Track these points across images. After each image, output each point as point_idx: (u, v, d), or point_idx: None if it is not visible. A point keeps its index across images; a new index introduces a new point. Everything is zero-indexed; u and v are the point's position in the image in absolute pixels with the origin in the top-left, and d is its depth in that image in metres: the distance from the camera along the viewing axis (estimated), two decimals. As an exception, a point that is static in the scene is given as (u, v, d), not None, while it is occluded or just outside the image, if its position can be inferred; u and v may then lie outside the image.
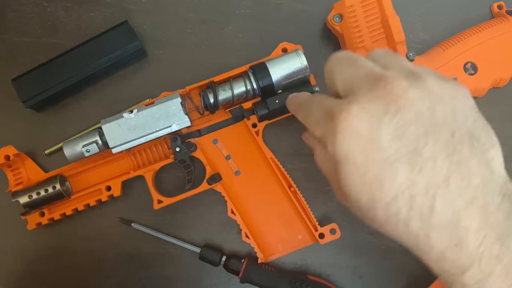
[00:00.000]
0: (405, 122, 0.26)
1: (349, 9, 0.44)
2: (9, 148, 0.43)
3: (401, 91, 0.26)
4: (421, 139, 0.26)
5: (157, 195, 0.44)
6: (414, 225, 0.26)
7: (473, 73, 0.46)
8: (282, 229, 0.44)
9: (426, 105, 0.26)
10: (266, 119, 0.44)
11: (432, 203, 0.25)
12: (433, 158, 0.25)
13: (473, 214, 0.25)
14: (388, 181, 0.26)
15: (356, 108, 0.27)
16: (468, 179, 0.25)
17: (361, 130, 0.26)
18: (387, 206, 0.26)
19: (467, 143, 0.26)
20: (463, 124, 0.27)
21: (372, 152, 0.26)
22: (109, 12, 0.48)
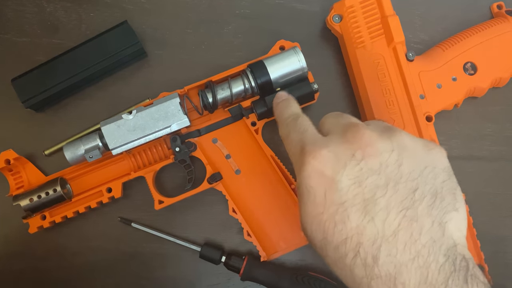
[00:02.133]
0: (368, 170, 0.27)
1: (349, 9, 0.44)
2: (9, 152, 0.43)
3: (370, 140, 0.28)
4: (379, 190, 0.27)
5: (158, 195, 0.44)
6: (357, 272, 0.27)
7: (472, 73, 0.46)
8: (284, 226, 0.44)
9: (394, 158, 0.28)
10: (265, 117, 0.44)
11: (376, 254, 0.26)
12: (387, 209, 0.26)
13: (413, 272, 0.25)
14: (341, 224, 0.27)
15: (325, 150, 0.28)
16: (416, 237, 0.26)
17: (326, 171, 0.28)
18: (336, 248, 0.27)
19: (428, 201, 0.27)
20: (429, 183, 0.28)
21: (332, 193, 0.27)
22: (108, 12, 0.48)
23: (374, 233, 0.26)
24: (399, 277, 0.25)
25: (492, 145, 0.49)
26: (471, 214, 0.44)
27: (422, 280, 0.25)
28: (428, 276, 0.25)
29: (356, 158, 0.28)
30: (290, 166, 0.45)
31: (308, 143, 0.30)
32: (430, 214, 0.27)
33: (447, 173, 0.29)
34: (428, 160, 0.29)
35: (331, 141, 0.29)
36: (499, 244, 0.48)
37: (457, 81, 0.45)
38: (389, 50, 0.44)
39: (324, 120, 0.34)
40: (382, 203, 0.26)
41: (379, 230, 0.26)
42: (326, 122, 0.33)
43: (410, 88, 0.44)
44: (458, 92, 0.46)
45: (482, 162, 0.49)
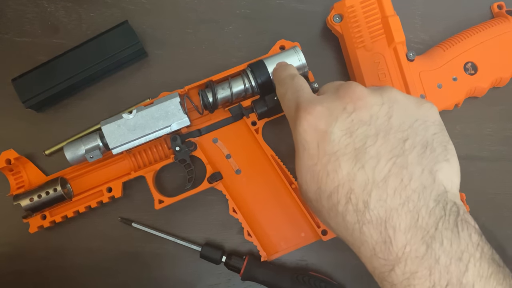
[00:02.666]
0: (359, 121, 0.29)
1: (349, 9, 0.44)
2: (10, 152, 0.43)
3: (361, 94, 0.30)
4: (370, 139, 0.28)
5: (158, 195, 0.44)
6: (349, 218, 0.28)
7: (473, 73, 0.46)
8: (284, 226, 0.44)
9: (385, 111, 0.29)
10: (265, 117, 0.44)
11: (367, 198, 0.27)
12: (377, 157, 0.28)
13: (403, 216, 0.26)
14: (333, 172, 0.28)
15: (319, 106, 0.30)
16: (406, 182, 0.27)
17: (319, 125, 0.29)
18: (329, 196, 0.29)
19: (418, 150, 0.28)
20: (419, 134, 0.29)
21: (324, 145, 0.29)
22: (109, 12, 0.48)
23: (365, 179, 0.27)
24: (389, 221, 0.26)
25: (492, 145, 0.49)
26: (471, 214, 0.44)
27: (412, 224, 0.26)
28: (419, 219, 0.26)
29: (347, 110, 0.29)
30: (290, 165, 0.45)
31: (303, 101, 0.31)
32: (420, 162, 0.28)
33: (438, 127, 0.30)
34: (419, 114, 0.30)
35: (325, 98, 0.31)
36: (499, 244, 0.48)
37: (457, 81, 0.45)
38: (390, 50, 0.44)
39: (322, 87, 0.35)
40: (372, 152, 0.28)
41: (369, 176, 0.27)
42: (323, 87, 0.35)
43: (411, 88, 0.44)
44: (458, 92, 0.46)
45: (482, 162, 0.49)
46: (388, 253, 0.26)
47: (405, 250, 0.26)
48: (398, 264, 0.26)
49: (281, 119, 0.45)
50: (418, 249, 0.26)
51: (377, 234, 0.27)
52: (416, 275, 0.26)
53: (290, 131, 0.47)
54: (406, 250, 0.26)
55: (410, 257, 0.26)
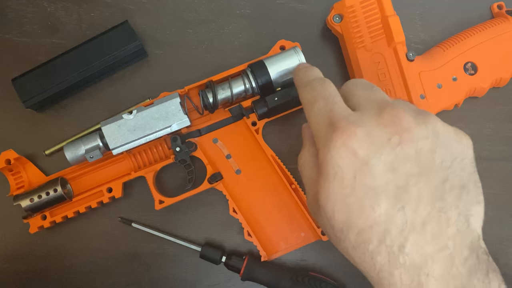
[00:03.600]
0: (404, 157, 0.26)
1: (349, 9, 0.44)
2: (9, 152, 0.43)
3: (408, 124, 0.26)
4: (413, 178, 0.26)
5: (158, 195, 0.44)
6: (380, 259, 0.26)
7: (473, 73, 0.46)
8: (284, 226, 0.45)
9: (428, 145, 0.27)
10: (265, 117, 0.44)
11: (403, 243, 0.25)
12: (418, 199, 0.26)
13: (438, 263, 0.25)
14: (369, 209, 0.26)
15: (360, 130, 0.27)
16: (444, 228, 0.26)
17: (359, 152, 0.26)
18: (360, 233, 0.26)
19: (456, 192, 0.26)
20: (458, 174, 0.27)
21: (363, 177, 0.26)
22: (109, 12, 0.48)
23: (403, 222, 0.25)
24: (424, 268, 0.25)
25: (492, 145, 0.49)
26: (472, 214, 0.44)
27: (446, 272, 0.25)
28: (453, 268, 0.25)
29: (392, 143, 0.26)
30: (290, 166, 0.45)
31: (340, 118, 0.28)
32: (457, 206, 0.26)
33: (473, 165, 0.29)
34: (458, 150, 0.28)
35: (366, 120, 0.27)
36: (499, 244, 0.48)
37: (457, 81, 0.45)
38: (390, 50, 0.44)
39: (350, 91, 0.31)
40: (414, 192, 0.26)
41: (409, 219, 0.25)
42: (354, 94, 0.31)
43: (411, 88, 0.44)
44: (458, 92, 0.46)
45: (482, 162, 0.48)
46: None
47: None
48: None
49: (281, 119, 0.45)
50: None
51: (409, 280, 0.25)
52: None
53: (289, 134, 0.47)
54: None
55: None
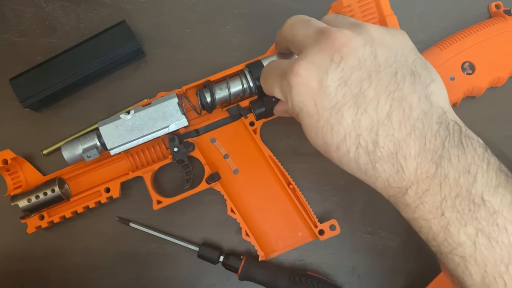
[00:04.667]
0: (350, 68, 0.28)
1: (347, 9, 0.44)
2: (7, 152, 0.43)
3: (343, 39, 0.29)
4: (365, 82, 0.28)
5: (156, 195, 0.44)
6: (362, 160, 0.29)
7: (471, 72, 0.46)
8: (282, 226, 0.45)
9: (369, 51, 0.29)
10: (263, 117, 0.44)
11: (375, 138, 0.28)
12: (376, 97, 0.28)
13: (412, 144, 0.27)
14: (337, 125, 0.28)
15: (304, 63, 0.29)
16: (408, 113, 0.28)
17: (310, 82, 0.29)
18: (338, 148, 0.29)
19: (409, 80, 0.29)
20: (404, 64, 0.29)
21: (321, 100, 0.29)
22: (107, 12, 0.48)
23: (370, 122, 0.28)
24: (400, 152, 0.27)
25: (491, 145, 0.48)
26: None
27: (421, 149, 0.27)
28: (426, 143, 0.27)
29: (335, 61, 0.28)
30: (287, 165, 0.45)
31: (286, 66, 0.31)
32: (414, 90, 0.28)
33: (414, 51, 0.31)
34: (396, 45, 0.30)
35: (307, 53, 0.30)
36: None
37: (455, 80, 0.45)
38: (387, 50, 0.44)
39: (288, 35, 0.34)
40: (370, 94, 0.28)
41: (373, 117, 0.28)
42: (293, 38, 0.33)
43: (408, 88, 0.44)
44: (456, 92, 0.46)
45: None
46: (401, 180, 0.28)
47: (417, 174, 0.27)
48: (411, 187, 0.28)
49: (279, 119, 0.45)
50: (428, 170, 0.27)
51: (390, 167, 0.28)
52: (428, 192, 0.27)
53: (287, 134, 0.47)
54: (418, 173, 0.27)
55: (421, 178, 0.27)
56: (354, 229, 0.46)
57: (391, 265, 0.46)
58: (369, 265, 0.46)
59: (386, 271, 0.46)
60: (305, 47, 0.31)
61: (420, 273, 0.46)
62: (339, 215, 0.46)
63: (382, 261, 0.46)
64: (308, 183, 0.46)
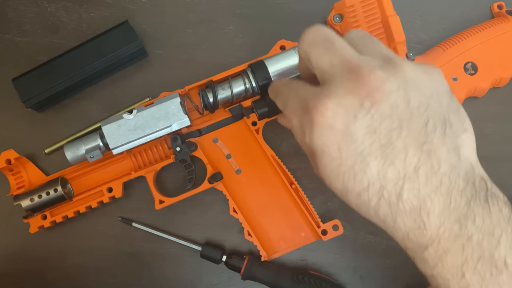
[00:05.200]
0: (380, 116, 0.26)
1: (350, 9, 0.44)
2: (10, 152, 0.43)
3: (377, 83, 0.26)
4: (394, 132, 0.26)
5: (159, 195, 0.44)
6: (382, 211, 0.27)
7: (473, 73, 0.46)
8: (284, 226, 0.45)
9: (402, 96, 0.26)
10: (265, 117, 0.44)
11: (400, 191, 0.26)
12: (405, 150, 0.26)
13: (436, 200, 0.26)
14: (361, 173, 0.27)
15: (331, 104, 0.27)
16: (436, 168, 0.26)
17: (337, 125, 0.27)
18: (358, 195, 0.27)
19: (440, 130, 0.27)
20: (437, 110, 0.27)
21: (347, 146, 0.27)
22: (109, 12, 0.48)
23: (396, 174, 0.26)
24: (424, 208, 0.26)
25: (492, 145, 0.49)
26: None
27: (445, 207, 0.26)
28: (451, 202, 0.26)
29: (365, 107, 0.26)
30: (290, 165, 0.45)
31: (310, 98, 0.28)
32: (444, 143, 0.26)
33: (449, 95, 0.29)
34: (431, 88, 0.28)
35: (332, 90, 0.27)
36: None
37: (457, 81, 0.46)
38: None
39: (309, 55, 0.30)
40: (399, 145, 0.26)
41: (400, 170, 0.26)
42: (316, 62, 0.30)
43: (411, 88, 0.44)
44: (458, 92, 0.46)
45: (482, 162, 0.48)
46: (422, 236, 0.27)
47: (439, 232, 0.26)
48: (432, 245, 0.27)
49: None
50: (451, 229, 0.26)
51: (411, 222, 0.27)
52: (449, 252, 0.26)
53: (289, 134, 0.47)
54: (440, 231, 0.26)
55: (444, 237, 0.26)
56: (357, 229, 0.46)
57: (393, 266, 0.46)
58: (371, 265, 0.46)
59: (389, 272, 0.46)
60: (330, 80, 0.28)
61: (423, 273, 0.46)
62: (341, 215, 0.46)
63: (384, 262, 0.46)
64: (310, 183, 0.46)
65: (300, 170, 0.46)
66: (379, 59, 0.28)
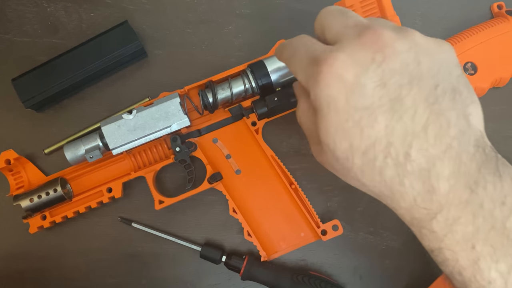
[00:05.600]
0: (390, 71, 0.26)
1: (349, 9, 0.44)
2: (9, 152, 0.43)
3: (388, 40, 0.26)
4: (404, 88, 0.26)
5: (158, 195, 0.44)
6: (389, 172, 0.26)
7: (473, 73, 0.46)
8: (284, 226, 0.44)
9: (412, 56, 0.26)
10: (265, 117, 0.44)
11: (408, 150, 0.25)
12: (414, 106, 0.26)
13: (446, 162, 0.25)
14: (368, 128, 0.26)
15: (343, 55, 0.26)
16: (445, 129, 0.26)
17: (346, 77, 0.26)
18: (364, 153, 0.26)
19: (449, 96, 0.26)
20: (447, 78, 0.27)
21: (355, 99, 0.26)
22: (109, 12, 0.48)
23: (404, 131, 0.25)
24: (433, 170, 0.25)
25: (492, 145, 0.49)
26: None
27: (455, 170, 0.25)
28: (461, 166, 0.25)
29: (376, 61, 0.26)
30: (290, 166, 0.45)
31: (321, 51, 0.28)
32: (454, 107, 0.26)
33: (459, 68, 0.29)
34: (442, 57, 0.28)
35: (345, 45, 0.27)
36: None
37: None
38: (390, 50, 0.44)
39: (326, 23, 0.30)
40: (408, 101, 0.26)
41: (409, 127, 0.25)
42: (331, 25, 0.30)
43: (411, 88, 0.44)
44: (458, 92, 0.46)
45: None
46: (431, 202, 0.26)
47: (449, 197, 0.25)
48: (441, 212, 0.26)
49: (281, 119, 0.45)
50: (461, 195, 0.25)
51: (420, 185, 0.26)
52: (459, 221, 0.25)
53: (289, 134, 0.47)
54: (450, 197, 0.25)
55: (454, 203, 0.25)
56: (356, 229, 0.46)
57: (393, 266, 0.46)
58: (371, 266, 0.46)
59: (388, 272, 0.46)
60: (343, 38, 0.28)
61: (422, 273, 0.46)
62: (341, 215, 0.46)
63: (384, 262, 0.46)
64: (310, 183, 0.46)
65: (300, 170, 0.46)
66: (391, 26, 0.29)
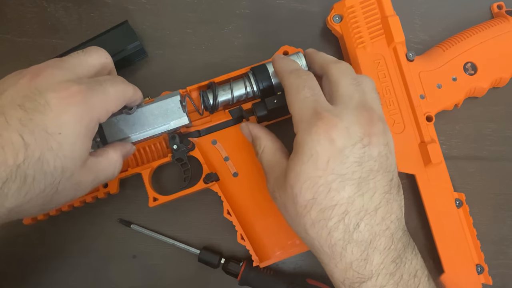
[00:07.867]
0: (369, 156, 0.32)
1: (349, 10, 0.44)
2: None
3: (377, 130, 0.32)
4: (372, 173, 0.32)
5: (153, 192, 0.43)
6: (336, 234, 0.31)
7: (473, 73, 0.46)
8: (279, 233, 0.43)
9: (386, 151, 0.33)
10: (265, 120, 0.44)
11: (359, 222, 0.31)
12: (374, 189, 0.32)
13: (383, 239, 0.31)
14: (335, 191, 0.31)
15: (341, 124, 0.31)
16: (389, 214, 0.32)
17: (337, 142, 0.31)
18: (323, 210, 0.31)
19: (395, 188, 0.33)
20: (395, 176, 0.34)
21: (336, 164, 0.31)
22: (109, 12, 0.48)
23: (361, 206, 0.31)
24: (372, 242, 0.31)
25: (492, 145, 0.49)
26: (471, 214, 0.44)
27: (387, 247, 0.32)
28: (392, 244, 0.32)
29: (363, 142, 0.32)
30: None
31: (324, 109, 0.32)
32: (396, 199, 0.33)
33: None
34: (393, 156, 0.34)
35: (346, 116, 0.32)
36: (499, 244, 0.48)
37: (457, 81, 0.45)
38: (389, 50, 0.44)
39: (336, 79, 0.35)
40: (371, 184, 0.32)
41: (365, 204, 0.31)
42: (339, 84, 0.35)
43: (410, 88, 0.44)
44: (458, 92, 0.46)
45: (482, 162, 0.49)
46: (364, 269, 0.31)
47: (380, 268, 0.31)
48: (371, 279, 0.31)
49: (280, 123, 0.44)
50: (389, 267, 0.31)
51: (359, 252, 0.31)
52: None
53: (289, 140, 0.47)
54: (380, 268, 0.31)
55: (382, 273, 0.31)
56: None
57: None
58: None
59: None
60: (344, 105, 0.33)
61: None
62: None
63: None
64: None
65: (300, 170, 0.46)
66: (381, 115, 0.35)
